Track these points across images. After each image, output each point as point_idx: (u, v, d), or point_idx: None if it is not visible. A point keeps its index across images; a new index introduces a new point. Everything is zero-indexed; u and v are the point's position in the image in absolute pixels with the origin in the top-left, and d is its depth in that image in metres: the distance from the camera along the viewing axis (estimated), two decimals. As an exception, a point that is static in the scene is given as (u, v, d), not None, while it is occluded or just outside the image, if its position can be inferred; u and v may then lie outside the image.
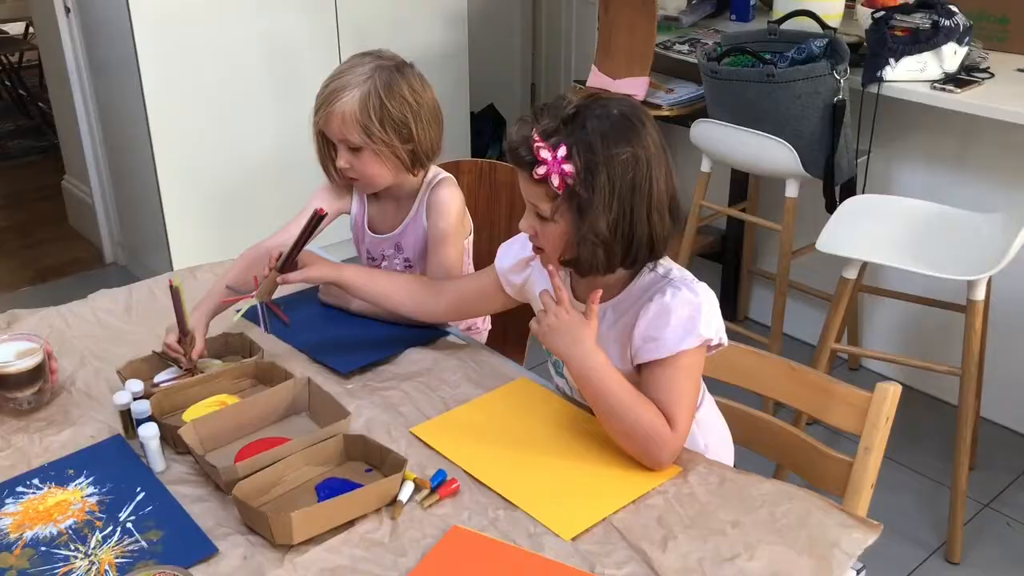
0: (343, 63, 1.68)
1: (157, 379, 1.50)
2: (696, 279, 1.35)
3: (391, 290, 1.61)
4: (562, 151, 1.23)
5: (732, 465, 1.43)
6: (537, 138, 1.25)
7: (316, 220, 1.53)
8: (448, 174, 1.78)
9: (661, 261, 1.36)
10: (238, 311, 1.54)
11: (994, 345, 2.40)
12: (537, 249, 1.36)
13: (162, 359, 1.53)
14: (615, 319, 1.36)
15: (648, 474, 1.29)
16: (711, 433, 1.44)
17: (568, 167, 1.23)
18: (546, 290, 1.34)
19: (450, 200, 1.72)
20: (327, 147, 1.70)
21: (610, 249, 1.27)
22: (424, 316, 1.64)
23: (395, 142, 1.63)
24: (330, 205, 1.76)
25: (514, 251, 1.52)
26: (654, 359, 1.30)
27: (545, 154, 1.24)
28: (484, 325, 1.93)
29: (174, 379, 1.50)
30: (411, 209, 1.76)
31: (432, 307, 1.61)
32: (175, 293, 1.50)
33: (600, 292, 1.31)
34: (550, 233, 1.30)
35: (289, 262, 1.52)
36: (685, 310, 1.29)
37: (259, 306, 1.54)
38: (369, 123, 1.60)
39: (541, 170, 1.24)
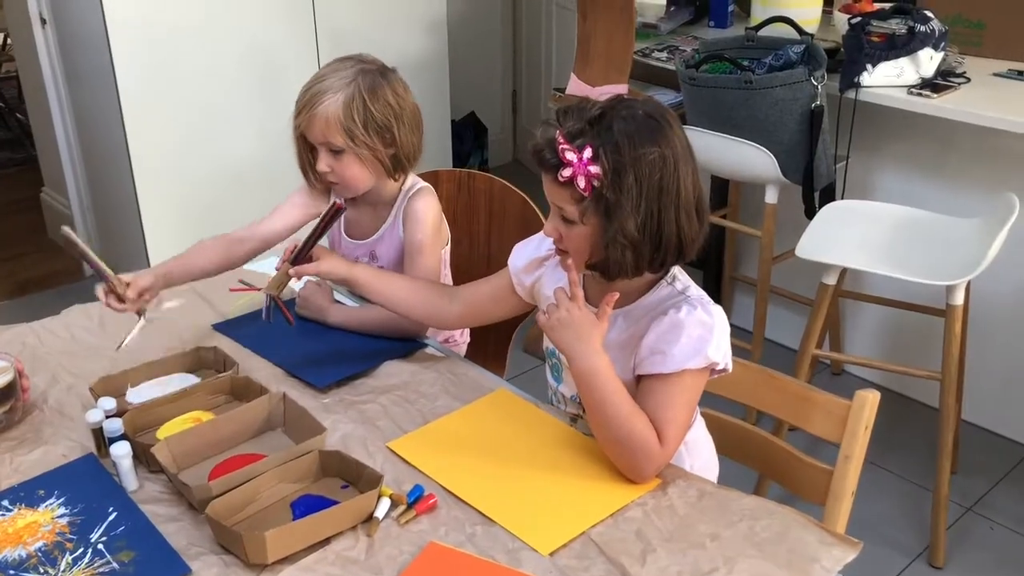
0: (324, 67, 1.68)
1: (129, 394, 1.47)
2: (711, 301, 1.32)
3: (404, 293, 1.57)
4: (588, 152, 1.21)
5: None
6: (562, 140, 1.22)
7: (333, 213, 1.49)
8: (427, 184, 1.77)
9: (679, 277, 1.34)
10: (265, 317, 1.54)
11: (974, 348, 2.41)
12: (561, 252, 1.33)
13: (121, 378, 1.51)
14: (625, 327, 1.34)
15: (627, 487, 1.28)
16: (698, 455, 1.43)
17: (594, 168, 1.21)
18: (561, 287, 1.31)
19: (426, 210, 1.71)
20: (307, 150, 1.69)
21: (639, 251, 1.25)
22: (435, 322, 1.61)
23: (378, 146, 1.63)
24: (307, 208, 1.77)
25: (528, 251, 1.49)
26: (657, 372, 1.29)
27: (571, 156, 1.21)
28: (463, 338, 1.92)
29: (150, 395, 1.47)
30: (388, 217, 1.75)
31: (445, 313, 1.57)
32: (67, 241, 1.51)
33: (616, 295, 1.28)
34: (576, 236, 1.28)
35: (303, 255, 1.49)
36: (697, 330, 1.28)
37: (266, 298, 1.52)
38: (352, 126, 1.60)
39: (567, 172, 1.22)
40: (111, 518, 1.24)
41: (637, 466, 1.26)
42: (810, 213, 2.44)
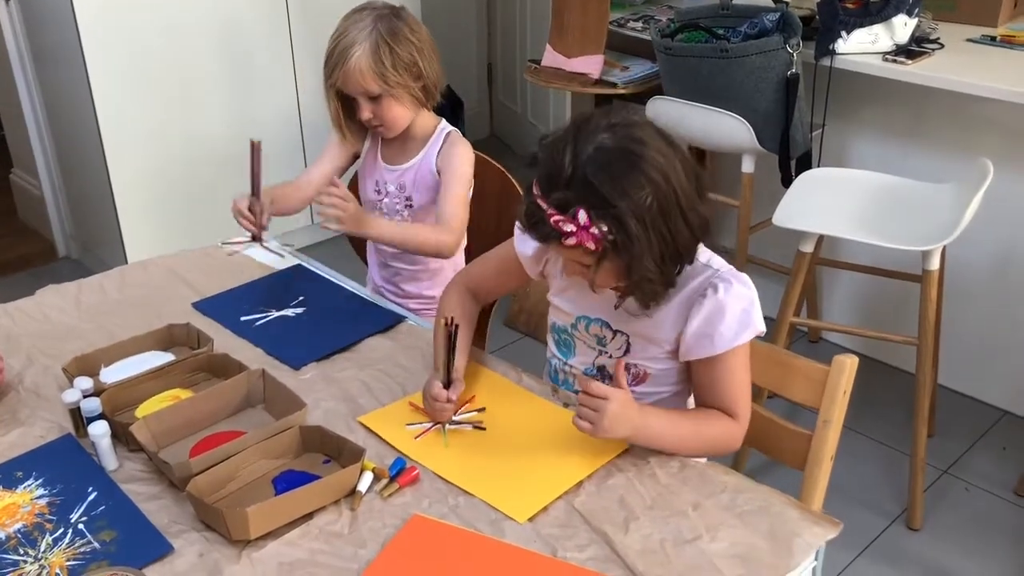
0: (342, 22, 1.75)
1: (103, 373, 1.46)
2: (736, 270, 1.32)
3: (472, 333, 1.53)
4: (583, 217, 1.17)
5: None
6: (553, 214, 1.19)
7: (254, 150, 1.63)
8: (456, 128, 1.86)
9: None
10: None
11: (950, 313, 2.43)
12: (599, 287, 1.30)
13: (111, 352, 1.50)
14: (654, 309, 1.33)
15: (599, 452, 1.28)
16: None
17: (595, 230, 1.17)
18: (589, 382, 1.25)
19: (466, 151, 1.82)
20: (341, 104, 1.78)
21: (664, 276, 1.24)
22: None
23: (409, 82, 1.73)
24: (345, 151, 1.89)
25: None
26: (709, 355, 1.30)
27: (568, 227, 1.18)
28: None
29: (123, 374, 1.45)
30: (421, 151, 1.83)
31: (477, 310, 1.57)
32: (255, 149, 1.61)
33: (624, 363, 1.30)
34: (606, 276, 1.25)
35: (447, 383, 1.38)
36: (740, 304, 1.28)
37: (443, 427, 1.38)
38: (384, 70, 1.70)
39: (571, 241, 1.19)
40: (91, 498, 1.23)
41: (728, 450, 1.32)
42: (786, 181, 2.44)
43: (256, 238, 1.72)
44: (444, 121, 1.86)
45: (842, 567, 2.10)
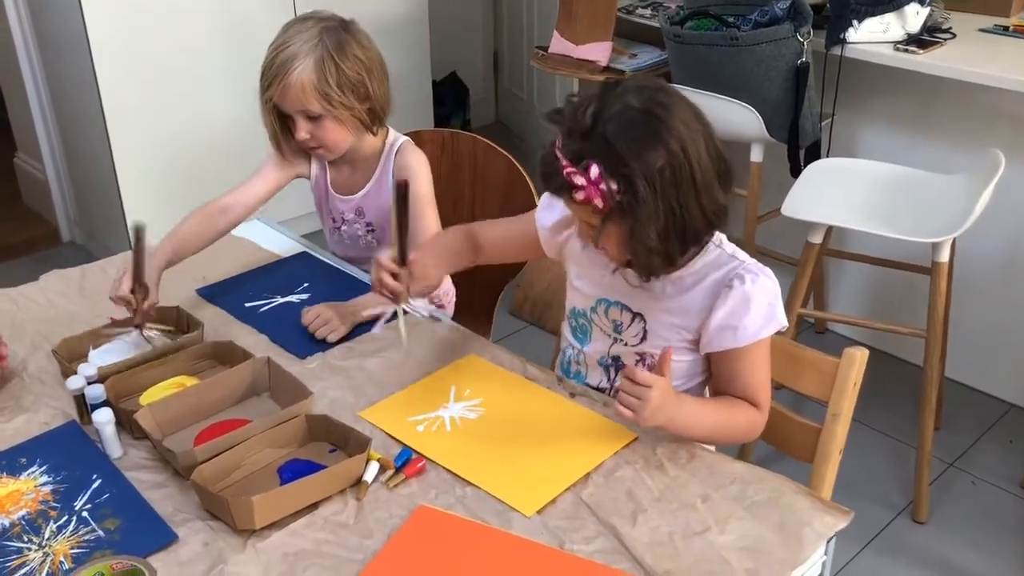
0: (283, 32, 1.62)
1: (92, 355, 1.45)
2: (761, 264, 1.30)
3: (449, 262, 1.49)
4: (595, 171, 1.15)
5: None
6: (566, 164, 1.18)
7: (404, 193, 1.36)
8: (407, 137, 1.75)
9: (719, 234, 1.31)
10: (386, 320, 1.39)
11: (958, 306, 2.41)
12: (611, 258, 1.30)
13: (100, 334, 1.48)
14: (675, 294, 1.32)
15: (604, 443, 1.28)
16: None
17: (604, 186, 1.16)
18: (631, 370, 1.22)
19: (419, 162, 1.70)
20: (278, 120, 1.65)
21: (666, 252, 1.22)
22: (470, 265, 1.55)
23: (354, 104, 1.60)
24: (279, 180, 1.75)
25: (556, 211, 1.42)
26: (732, 347, 1.29)
27: (579, 180, 1.17)
28: (449, 299, 1.91)
29: (112, 357, 1.44)
30: (374, 173, 1.73)
31: (473, 263, 1.53)
32: (138, 235, 1.43)
33: (672, 349, 1.25)
34: (609, 239, 1.24)
35: (403, 251, 1.36)
36: (765, 297, 1.27)
37: (399, 313, 1.38)
38: (328, 89, 1.57)
39: (580, 196, 1.18)
40: (95, 485, 1.22)
41: (749, 439, 1.32)
42: (795, 171, 2.42)
43: (137, 326, 1.49)
44: (392, 131, 1.75)
45: (848, 559, 2.09)
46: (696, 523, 1.14)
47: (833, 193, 2.23)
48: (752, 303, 1.26)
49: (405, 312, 1.39)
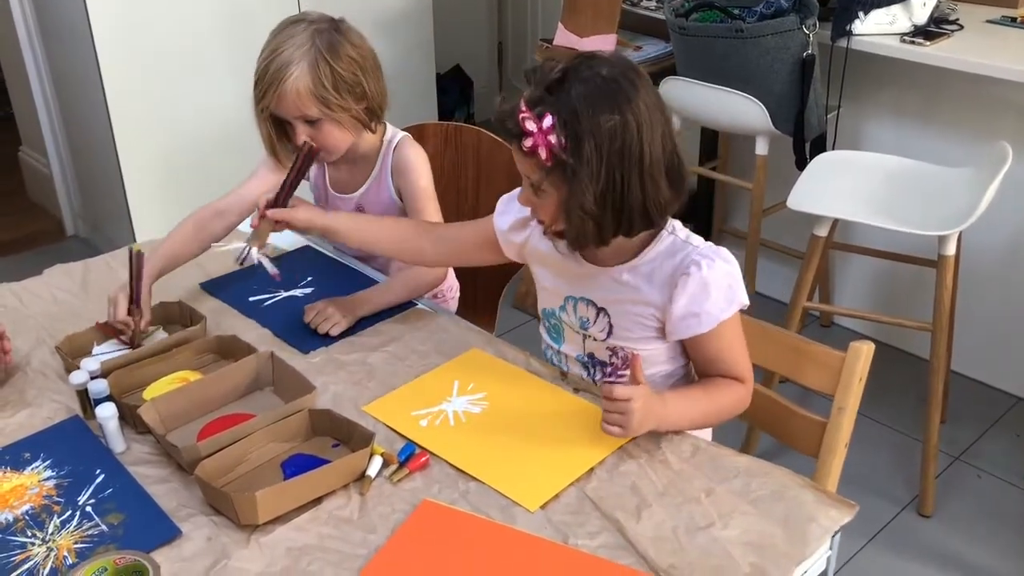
0: (272, 37, 1.59)
1: (95, 351, 1.46)
2: (715, 245, 1.31)
3: (380, 237, 1.53)
4: (547, 121, 1.17)
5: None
6: (524, 108, 1.19)
7: (308, 156, 1.43)
8: (405, 132, 1.74)
9: (672, 222, 1.31)
10: (238, 260, 1.43)
11: (964, 299, 2.40)
12: (539, 221, 1.31)
13: (102, 331, 1.48)
14: (632, 280, 1.32)
15: (607, 438, 1.26)
16: None
17: (553, 138, 1.17)
18: (611, 385, 1.23)
19: (418, 157, 1.70)
20: (273, 127, 1.63)
21: (600, 221, 1.21)
22: (413, 260, 1.59)
23: (351, 105, 1.59)
24: (280, 174, 1.72)
25: (512, 212, 1.44)
26: (699, 333, 1.29)
27: (531, 125, 1.17)
28: (452, 294, 1.90)
29: (114, 352, 1.45)
30: (373, 170, 1.72)
31: (426, 256, 1.55)
32: (138, 259, 1.45)
33: (640, 357, 1.27)
34: (545, 205, 1.25)
35: (282, 201, 1.43)
36: (724, 281, 1.27)
37: (245, 248, 1.43)
38: (325, 93, 1.55)
39: (528, 143, 1.18)
40: (99, 480, 1.22)
41: (739, 412, 1.34)
42: (801, 164, 2.41)
43: (134, 346, 1.48)
44: (390, 127, 1.73)
45: (852, 553, 2.09)
46: (700, 518, 1.14)
47: (839, 186, 2.22)
48: (711, 288, 1.27)
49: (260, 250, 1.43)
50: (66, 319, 1.58)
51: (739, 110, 2.40)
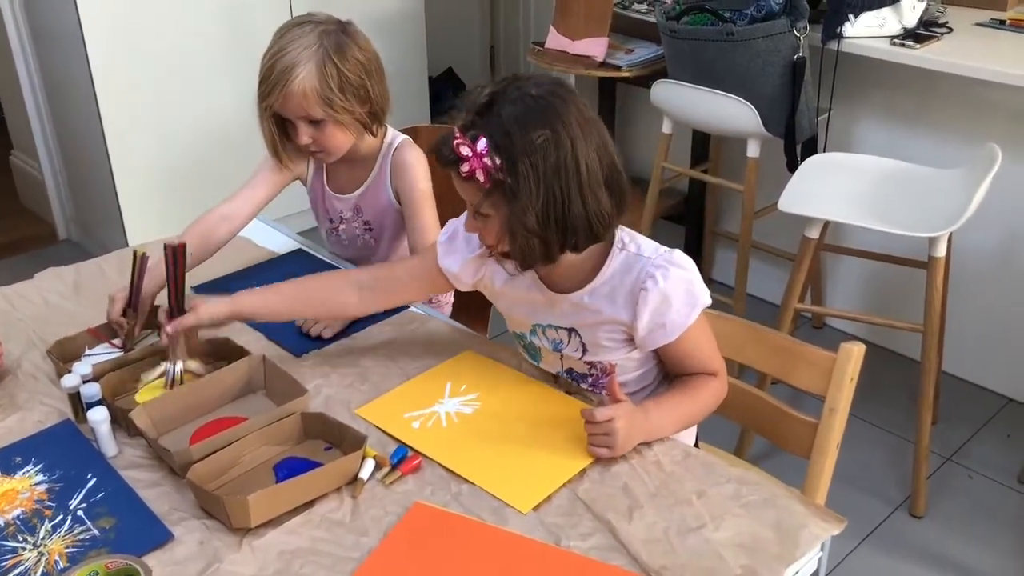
0: (279, 37, 1.58)
1: (87, 355, 1.45)
2: (669, 248, 1.31)
3: (293, 306, 1.47)
4: (481, 144, 1.18)
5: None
6: (457, 135, 1.20)
7: (177, 254, 1.39)
8: (406, 135, 1.74)
9: (625, 237, 1.32)
10: (168, 384, 1.39)
11: (955, 300, 2.41)
12: (487, 245, 1.30)
13: (94, 335, 1.48)
14: (591, 302, 1.32)
15: None
16: None
17: (488, 160, 1.18)
18: (593, 411, 1.23)
19: (418, 160, 1.70)
20: (276, 127, 1.63)
21: (544, 238, 1.22)
22: (340, 315, 1.54)
23: (356, 107, 1.59)
24: (283, 175, 1.74)
25: (460, 253, 1.42)
26: (668, 342, 1.31)
27: (465, 151, 1.18)
28: (447, 298, 1.90)
29: (105, 355, 1.45)
30: (372, 171, 1.73)
31: (349, 309, 1.51)
32: (142, 262, 1.45)
33: (616, 374, 1.29)
34: (489, 227, 1.25)
35: (178, 311, 1.38)
36: (681, 287, 1.28)
37: (172, 368, 1.39)
38: (331, 94, 1.55)
39: (465, 168, 1.19)
40: (90, 484, 1.22)
41: (717, 404, 1.36)
42: (792, 166, 2.42)
43: (125, 350, 1.47)
44: (390, 130, 1.73)
45: (845, 554, 2.09)
46: (692, 519, 1.14)
47: (830, 188, 2.23)
48: (672, 298, 1.28)
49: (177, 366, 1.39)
50: (58, 323, 1.58)
51: (730, 113, 2.41)
